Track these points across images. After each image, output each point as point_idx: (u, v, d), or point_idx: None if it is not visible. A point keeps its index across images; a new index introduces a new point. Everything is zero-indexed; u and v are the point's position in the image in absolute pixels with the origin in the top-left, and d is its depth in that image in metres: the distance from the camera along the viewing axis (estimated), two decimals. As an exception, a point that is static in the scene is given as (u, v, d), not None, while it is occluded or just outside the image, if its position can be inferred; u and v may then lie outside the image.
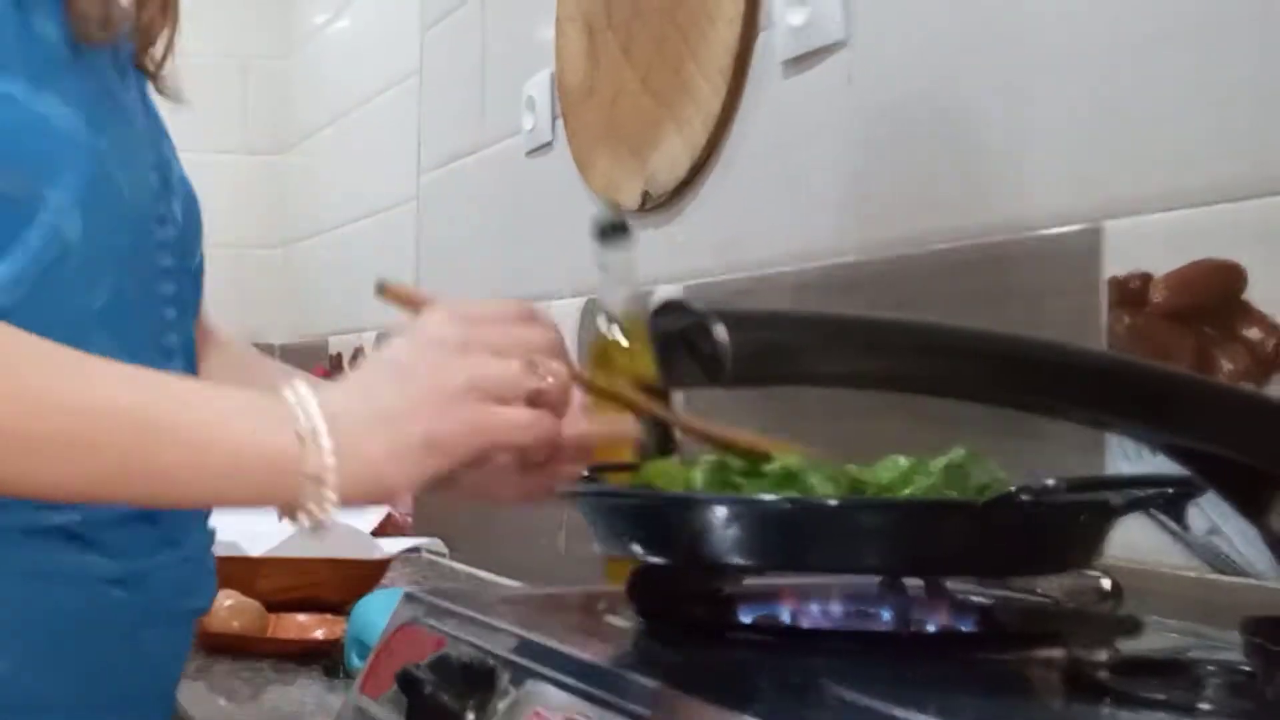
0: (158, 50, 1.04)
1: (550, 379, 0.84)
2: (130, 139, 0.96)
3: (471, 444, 0.81)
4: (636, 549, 0.84)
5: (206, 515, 1.01)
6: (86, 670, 0.92)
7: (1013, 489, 0.75)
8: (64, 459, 0.75)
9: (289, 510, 0.79)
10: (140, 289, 0.95)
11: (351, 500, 0.79)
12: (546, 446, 0.85)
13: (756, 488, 0.83)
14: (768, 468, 0.84)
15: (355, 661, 1.38)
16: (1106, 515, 0.81)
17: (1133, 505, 0.82)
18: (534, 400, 0.83)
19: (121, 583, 0.92)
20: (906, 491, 0.82)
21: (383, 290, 0.93)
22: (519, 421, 0.82)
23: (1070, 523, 0.79)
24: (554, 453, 0.88)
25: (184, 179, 1.04)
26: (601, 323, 1.12)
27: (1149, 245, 1.02)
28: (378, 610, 1.34)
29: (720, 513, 0.79)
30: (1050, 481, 0.74)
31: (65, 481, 0.77)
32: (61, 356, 0.77)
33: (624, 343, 1.13)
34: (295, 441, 0.78)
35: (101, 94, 0.95)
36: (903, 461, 0.85)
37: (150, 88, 1.05)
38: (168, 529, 0.96)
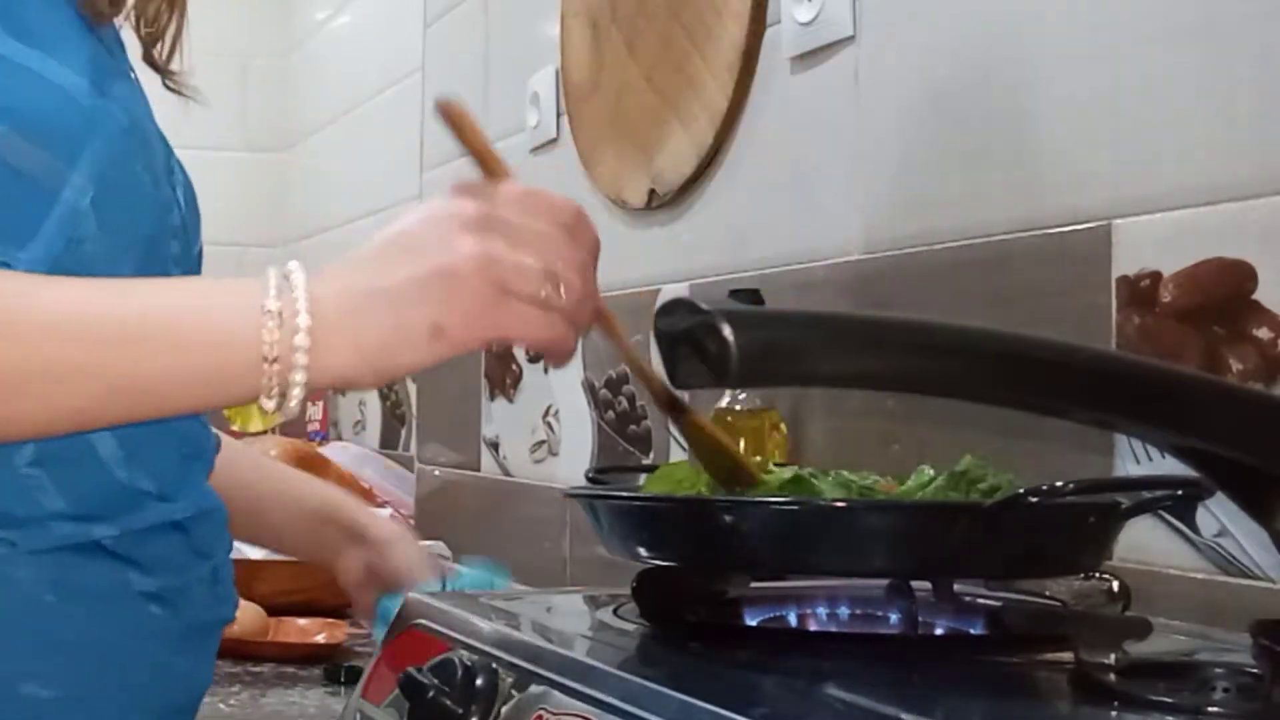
0: (165, 45, 1.02)
1: (564, 294, 0.77)
2: (140, 117, 0.93)
3: (479, 336, 0.77)
4: (642, 551, 0.83)
5: (225, 521, 1.00)
6: (128, 691, 0.90)
7: (1020, 491, 0.74)
8: (49, 389, 0.75)
9: (273, 399, 0.76)
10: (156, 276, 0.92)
11: (332, 383, 0.76)
12: (561, 352, 0.79)
13: (764, 491, 0.83)
14: (773, 476, 0.84)
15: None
16: (1114, 517, 0.80)
17: (1141, 507, 0.81)
18: (545, 308, 0.77)
19: (159, 599, 0.91)
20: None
21: (445, 111, 0.84)
22: (531, 321, 0.77)
23: (1078, 524, 0.79)
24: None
25: (180, 163, 1.01)
26: None
27: (1158, 244, 1.02)
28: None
29: (726, 515, 0.79)
30: (1058, 483, 0.74)
31: (52, 412, 0.76)
32: (19, 284, 0.76)
33: None
34: (261, 323, 0.75)
35: (111, 66, 0.92)
36: (929, 471, 0.85)
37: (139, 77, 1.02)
38: (199, 539, 0.94)
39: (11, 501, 0.85)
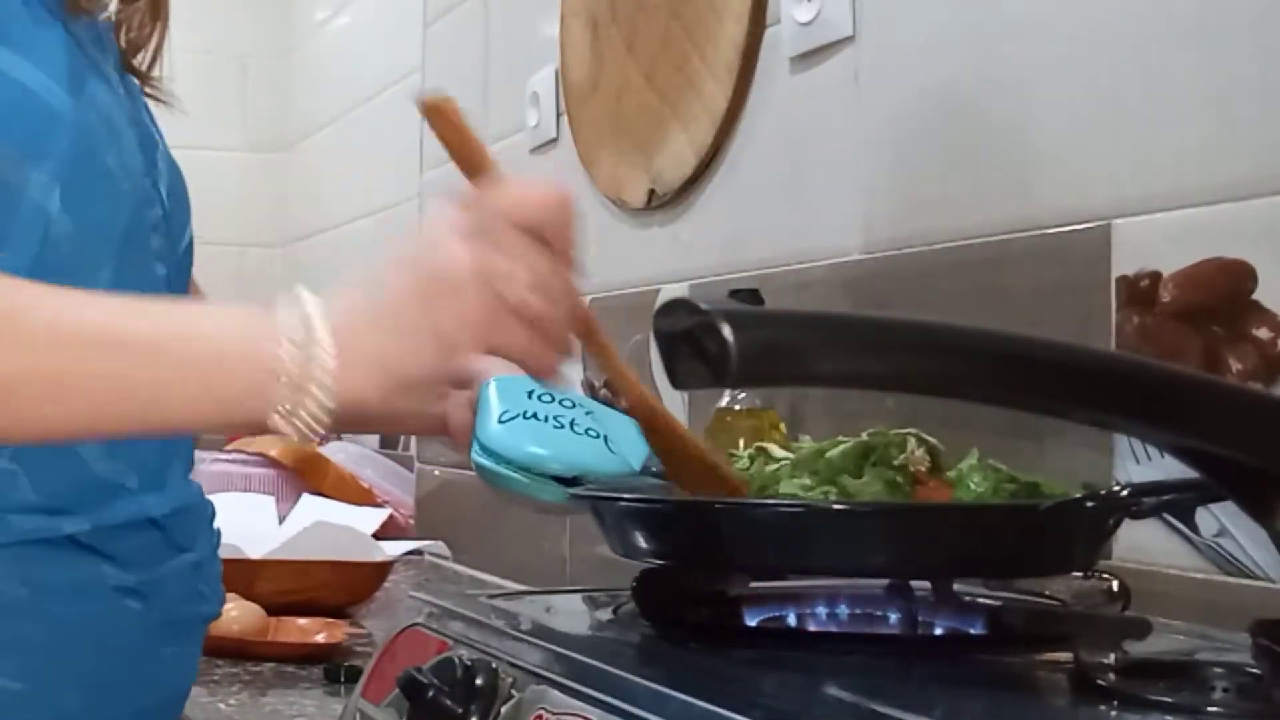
0: (147, 54, 1.02)
1: (549, 306, 0.77)
2: (114, 115, 0.92)
3: (485, 344, 0.75)
4: (645, 551, 0.83)
5: (213, 517, 1.00)
6: (101, 685, 0.90)
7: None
8: (57, 396, 0.71)
9: (285, 420, 0.72)
10: (136, 273, 0.92)
11: (349, 403, 0.73)
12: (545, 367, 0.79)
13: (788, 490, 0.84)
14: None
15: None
16: (1120, 516, 0.81)
17: (1151, 510, 0.82)
18: (533, 323, 0.76)
19: (135, 592, 0.91)
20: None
21: (426, 107, 0.82)
22: (520, 336, 0.76)
23: (1091, 525, 0.79)
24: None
25: (169, 157, 1.00)
26: None
27: (1158, 244, 1.02)
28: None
29: (727, 516, 0.79)
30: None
31: (64, 418, 0.72)
32: (36, 293, 0.73)
33: None
34: (290, 345, 0.72)
35: (85, 65, 0.91)
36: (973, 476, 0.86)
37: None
38: (177, 534, 0.94)
39: None
